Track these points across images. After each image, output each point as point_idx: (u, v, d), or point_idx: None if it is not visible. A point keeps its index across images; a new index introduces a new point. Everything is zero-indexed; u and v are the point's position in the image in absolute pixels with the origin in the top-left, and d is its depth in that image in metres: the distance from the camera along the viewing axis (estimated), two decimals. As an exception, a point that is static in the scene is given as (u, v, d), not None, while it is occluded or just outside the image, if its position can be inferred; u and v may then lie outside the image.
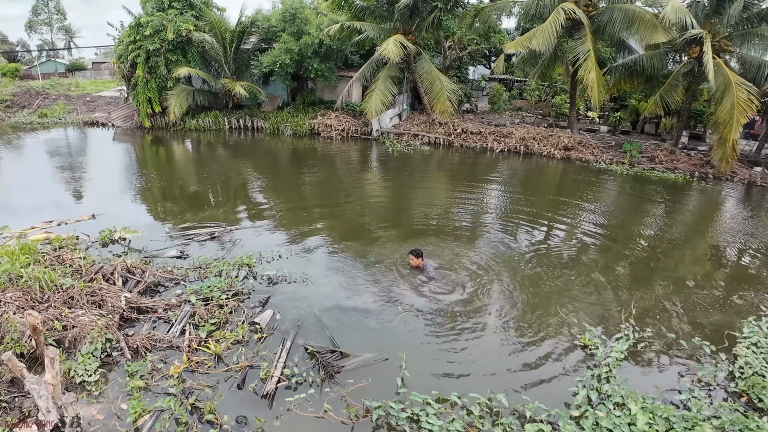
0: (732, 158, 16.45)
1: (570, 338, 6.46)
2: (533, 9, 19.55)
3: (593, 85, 17.63)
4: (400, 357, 5.66)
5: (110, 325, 5.97)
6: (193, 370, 5.44)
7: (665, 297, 7.80)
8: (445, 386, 5.34)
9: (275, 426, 4.73)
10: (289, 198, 13.07)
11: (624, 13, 17.66)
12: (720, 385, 5.70)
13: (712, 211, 14.14)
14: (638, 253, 9.79)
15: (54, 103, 28.45)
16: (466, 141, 21.34)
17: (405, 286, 7.67)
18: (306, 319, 6.62)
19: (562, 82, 26.72)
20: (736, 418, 4.88)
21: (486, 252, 9.30)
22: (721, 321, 7.13)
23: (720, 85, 15.67)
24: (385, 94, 20.28)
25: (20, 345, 5.46)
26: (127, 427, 4.59)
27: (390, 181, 15.82)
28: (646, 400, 5.09)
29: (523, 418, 4.91)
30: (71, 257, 7.77)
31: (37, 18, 58.40)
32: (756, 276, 9.07)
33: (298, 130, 22.55)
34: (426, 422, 4.71)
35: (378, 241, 9.67)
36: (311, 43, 21.15)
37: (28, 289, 6.52)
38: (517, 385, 5.50)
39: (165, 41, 21.27)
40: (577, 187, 15.56)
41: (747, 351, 6.13)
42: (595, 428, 4.75)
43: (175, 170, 16.47)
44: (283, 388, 5.23)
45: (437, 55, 27.15)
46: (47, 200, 12.04)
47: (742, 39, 17.14)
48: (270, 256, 8.55)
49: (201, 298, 6.79)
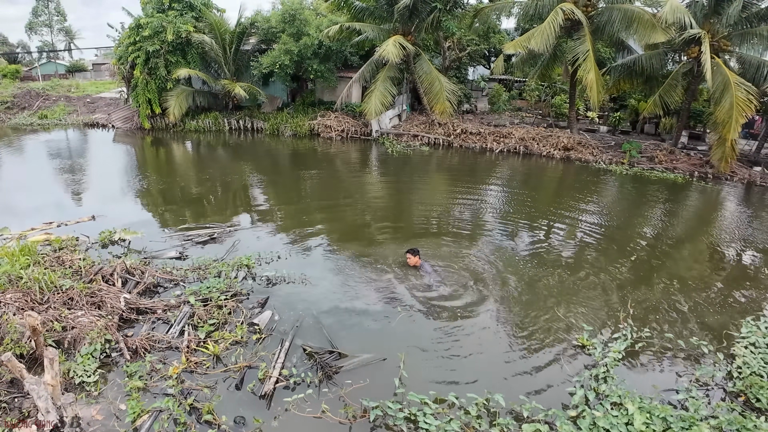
0: (731, 158, 16.44)
1: (568, 338, 6.47)
2: (532, 9, 19.56)
3: (592, 85, 17.64)
4: (399, 357, 5.67)
5: (109, 326, 5.99)
6: (192, 371, 5.46)
7: (663, 297, 7.81)
8: (443, 386, 5.36)
9: (273, 426, 4.74)
10: (289, 199, 13.09)
11: (623, 13, 17.67)
12: (718, 385, 5.71)
13: (711, 211, 14.14)
14: (636, 253, 9.79)
15: (54, 105, 28.50)
16: (465, 141, 21.35)
17: (403, 286, 7.68)
18: (304, 319, 6.64)
19: (562, 82, 26.72)
20: (733, 418, 4.89)
21: (484, 252, 9.31)
22: (720, 321, 7.14)
23: (719, 85, 15.68)
24: (385, 94, 20.30)
25: (20, 346, 5.49)
26: (125, 427, 4.62)
27: (389, 181, 15.85)
28: (644, 400, 5.10)
29: (521, 419, 4.92)
30: (71, 258, 7.80)
31: (38, 19, 58.52)
32: (754, 276, 9.07)
33: (297, 130, 22.58)
34: (424, 422, 4.73)
35: (377, 242, 9.69)
36: (311, 44, 21.18)
37: (28, 291, 6.55)
38: (515, 386, 5.51)
39: (165, 42, 21.31)
40: (577, 187, 15.57)
41: (745, 351, 6.14)
42: (593, 428, 4.76)
43: (175, 171, 16.50)
44: (281, 389, 5.25)
45: (437, 55, 27.16)
46: (47, 202, 12.07)
47: (741, 39, 17.14)
48: (269, 257, 8.57)
49: (200, 299, 6.80)
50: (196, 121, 23.48)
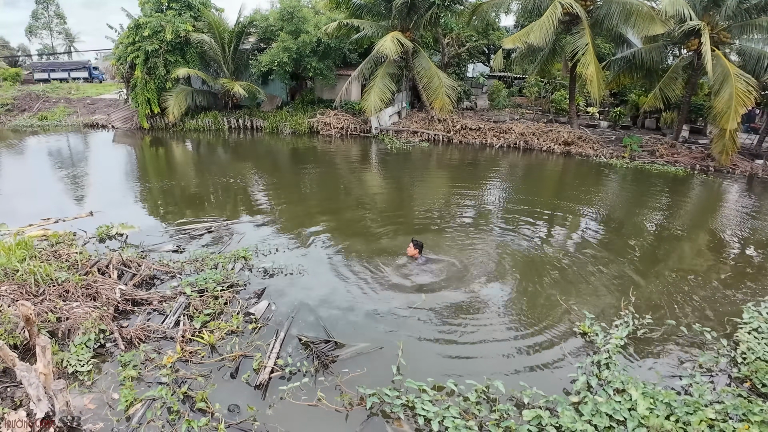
0: (732, 151, 16.34)
1: (569, 325, 6.37)
2: (531, 4, 19.49)
3: (592, 79, 17.56)
4: (397, 345, 5.59)
5: (104, 317, 5.92)
6: (187, 360, 5.38)
7: (665, 285, 7.71)
8: (442, 374, 5.26)
9: (268, 414, 4.66)
10: (288, 194, 13.03)
11: (621, 6, 17.59)
12: (722, 371, 5.61)
13: (712, 203, 14.03)
14: (637, 243, 9.69)
15: (54, 107, 28.49)
16: (465, 137, 21.28)
17: (400, 276, 7.60)
18: (301, 310, 6.56)
19: (562, 77, 26.62)
20: (739, 403, 4.79)
21: (485, 243, 9.22)
22: (721, 308, 7.04)
23: (718, 77, 15.57)
24: (384, 91, 20.25)
25: (14, 336, 5.43)
26: (118, 415, 4.54)
27: (388, 177, 15.77)
28: (647, 385, 5.00)
29: (521, 405, 4.83)
30: (68, 252, 7.74)
31: (37, 22, 58.70)
32: (756, 264, 8.96)
33: (297, 129, 22.54)
34: (421, 409, 4.63)
35: (375, 236, 9.61)
36: (309, 41, 21.15)
37: (23, 283, 6.49)
38: (515, 373, 5.42)
39: (163, 42, 21.29)
40: (577, 181, 15.48)
41: (748, 336, 6.03)
42: (595, 414, 4.66)
43: (174, 170, 16.46)
44: (276, 379, 5.16)
45: (436, 53, 27.11)
46: (46, 200, 12.02)
47: (740, 31, 17.04)
48: (266, 250, 8.50)
49: (196, 290, 6.73)
50: (195, 120, 23.45)
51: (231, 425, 4.48)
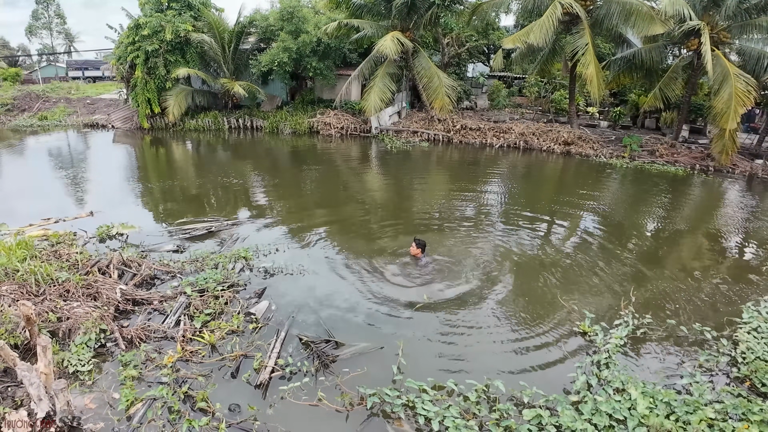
0: (732, 150, 16.34)
1: (569, 325, 6.38)
2: (531, 4, 19.48)
3: (592, 79, 17.56)
4: (397, 345, 5.59)
5: (105, 316, 5.93)
6: (188, 360, 5.39)
7: (665, 285, 7.71)
8: (442, 374, 5.28)
9: (268, 414, 4.67)
10: (288, 194, 13.03)
11: (621, 6, 17.58)
12: (722, 371, 5.62)
13: (712, 203, 14.04)
14: (637, 243, 9.71)
15: (54, 107, 28.50)
16: (465, 137, 21.28)
17: (401, 275, 7.61)
18: (301, 309, 6.57)
19: (561, 77, 26.62)
20: (738, 402, 4.80)
21: (486, 243, 9.23)
22: (721, 308, 7.05)
23: (718, 76, 15.58)
24: (384, 91, 20.25)
25: (14, 336, 5.43)
26: (119, 415, 4.55)
27: (388, 176, 15.78)
28: (647, 385, 5.02)
29: (521, 404, 4.84)
30: (68, 252, 7.75)
31: (37, 22, 58.65)
32: (755, 264, 8.97)
33: (297, 128, 22.54)
34: (422, 408, 4.64)
35: (375, 235, 9.62)
36: (309, 41, 21.14)
37: (24, 283, 6.50)
38: (515, 372, 5.43)
39: (163, 42, 21.28)
40: (577, 181, 15.49)
41: (748, 336, 6.04)
42: (595, 413, 4.67)
43: (174, 169, 16.46)
44: (277, 378, 5.17)
45: (436, 53, 27.11)
46: (46, 200, 12.02)
47: (740, 30, 17.04)
48: (267, 250, 8.50)
49: (197, 290, 6.74)
50: (195, 120, 23.44)
51: (232, 425, 4.49)
